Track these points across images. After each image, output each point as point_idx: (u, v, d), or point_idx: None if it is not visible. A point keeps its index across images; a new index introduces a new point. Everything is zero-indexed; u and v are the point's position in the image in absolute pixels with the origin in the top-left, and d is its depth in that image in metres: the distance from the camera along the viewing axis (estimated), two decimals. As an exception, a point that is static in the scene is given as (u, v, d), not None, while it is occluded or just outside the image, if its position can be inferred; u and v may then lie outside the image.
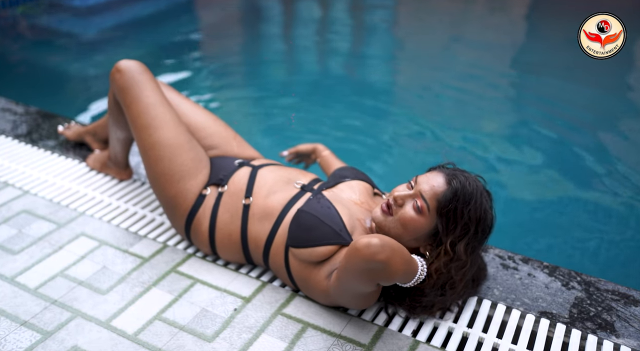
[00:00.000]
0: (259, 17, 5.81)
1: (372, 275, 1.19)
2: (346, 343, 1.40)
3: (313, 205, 1.45)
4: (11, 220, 1.86)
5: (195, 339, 1.41)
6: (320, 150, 1.96)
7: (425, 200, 1.33)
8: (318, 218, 1.41)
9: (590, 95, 3.74)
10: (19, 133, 2.42)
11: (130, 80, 1.72)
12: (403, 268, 1.19)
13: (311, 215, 1.41)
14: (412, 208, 1.35)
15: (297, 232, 1.42)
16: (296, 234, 1.42)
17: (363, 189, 1.59)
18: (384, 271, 1.16)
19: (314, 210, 1.43)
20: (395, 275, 1.19)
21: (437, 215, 1.33)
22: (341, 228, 1.39)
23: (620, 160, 2.95)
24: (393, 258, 1.15)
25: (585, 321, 1.48)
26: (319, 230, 1.39)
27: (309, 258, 1.41)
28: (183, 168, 1.65)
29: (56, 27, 5.05)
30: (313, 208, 1.43)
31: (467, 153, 3.01)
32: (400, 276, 1.22)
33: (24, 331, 1.42)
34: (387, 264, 1.14)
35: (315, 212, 1.42)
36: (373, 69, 4.39)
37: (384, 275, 1.18)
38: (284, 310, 1.51)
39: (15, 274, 1.62)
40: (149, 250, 1.73)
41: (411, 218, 1.34)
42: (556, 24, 5.08)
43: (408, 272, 1.24)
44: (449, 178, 1.35)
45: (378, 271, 1.17)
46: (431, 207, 1.33)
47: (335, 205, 1.46)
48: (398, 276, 1.21)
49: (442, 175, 1.37)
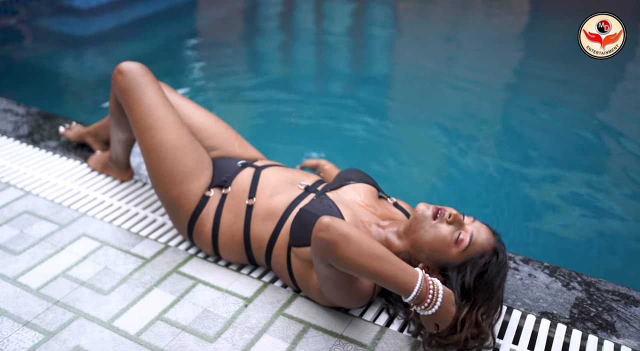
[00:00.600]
0: (259, 17, 5.81)
1: (320, 253, 1.22)
2: (348, 344, 1.40)
3: (315, 204, 1.46)
4: (13, 221, 1.86)
5: (197, 339, 1.41)
6: (322, 164, 1.97)
7: (471, 239, 1.32)
8: (318, 216, 1.41)
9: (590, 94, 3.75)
10: (21, 134, 2.43)
11: (132, 82, 1.73)
12: (362, 260, 1.17)
13: (311, 214, 1.41)
14: (451, 233, 1.33)
15: (299, 231, 1.42)
16: (297, 233, 1.42)
17: (368, 192, 1.59)
18: (328, 250, 1.19)
19: (315, 209, 1.43)
20: (344, 262, 1.18)
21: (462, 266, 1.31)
22: None
23: (621, 159, 2.96)
24: (339, 242, 1.17)
25: (585, 322, 1.48)
26: None
27: (310, 257, 1.41)
28: (186, 170, 1.65)
29: (57, 28, 5.06)
30: (315, 208, 1.44)
31: (467, 152, 3.01)
32: (357, 268, 1.18)
33: (26, 331, 1.43)
34: (330, 245, 1.18)
35: (316, 211, 1.42)
36: (373, 68, 4.40)
37: (330, 256, 1.20)
38: (286, 311, 1.51)
39: (18, 274, 1.62)
40: (151, 251, 1.74)
41: (444, 238, 1.33)
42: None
43: (378, 271, 1.18)
44: (497, 243, 1.35)
45: (323, 249, 1.20)
46: (469, 250, 1.32)
47: (338, 205, 1.46)
48: (350, 266, 1.18)
49: (492, 235, 1.36)
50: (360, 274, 1.21)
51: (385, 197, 1.64)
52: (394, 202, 1.62)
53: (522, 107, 3.66)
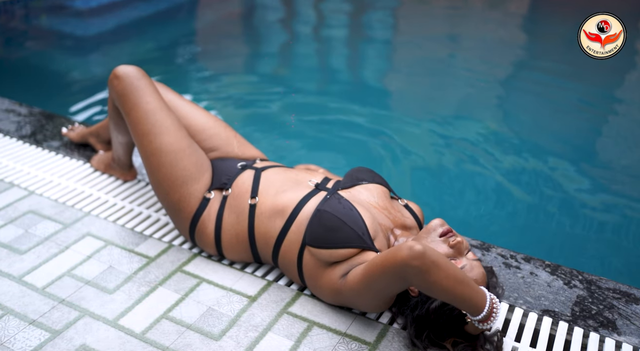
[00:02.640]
0: (258, 17, 5.82)
1: (405, 276, 1.22)
2: (352, 342, 1.42)
3: (334, 205, 1.45)
4: (17, 220, 1.87)
5: (203, 338, 1.42)
6: (314, 169, 1.95)
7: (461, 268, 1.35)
8: (341, 219, 1.41)
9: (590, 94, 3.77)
10: (23, 134, 2.43)
11: (128, 87, 1.72)
12: (446, 284, 1.19)
13: (333, 216, 1.41)
14: (448, 255, 1.36)
15: (319, 232, 1.42)
16: (317, 234, 1.42)
17: (381, 193, 1.58)
18: (417, 277, 1.20)
19: (336, 211, 1.43)
20: (430, 286, 1.20)
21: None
22: (364, 232, 1.40)
23: (622, 158, 2.97)
24: (431, 270, 1.18)
25: (587, 319, 1.49)
26: (342, 232, 1.39)
27: (329, 259, 1.42)
28: (185, 173, 1.66)
29: (58, 29, 5.06)
30: (335, 209, 1.44)
31: (467, 151, 3.02)
32: (438, 291, 1.21)
33: (32, 330, 1.44)
34: (423, 273, 1.19)
35: (337, 213, 1.42)
36: (373, 67, 4.41)
37: (417, 281, 1.21)
38: (290, 309, 1.52)
39: (23, 273, 1.63)
40: (155, 250, 1.75)
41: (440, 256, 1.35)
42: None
43: (457, 294, 1.21)
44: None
45: (412, 275, 1.21)
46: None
47: (357, 207, 1.46)
48: (433, 289, 1.21)
49: (485, 278, 1.38)
50: (440, 296, 1.23)
51: (397, 197, 1.64)
52: (404, 204, 1.62)
53: (523, 105, 3.68)
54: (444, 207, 2.57)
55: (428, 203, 2.40)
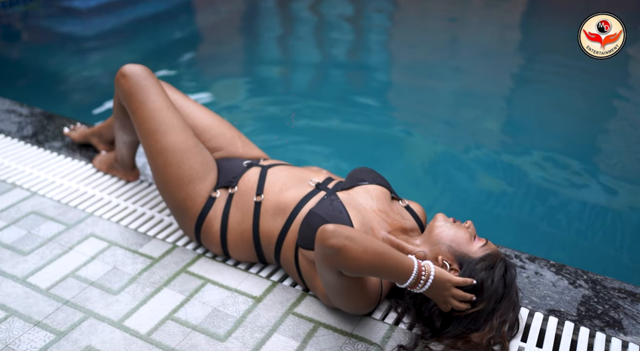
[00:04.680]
0: (258, 17, 5.82)
1: (329, 260, 1.23)
2: (358, 342, 1.41)
3: (325, 207, 1.45)
4: (20, 221, 1.86)
5: (208, 339, 1.42)
6: (315, 171, 1.95)
7: (487, 241, 1.42)
8: (326, 221, 1.40)
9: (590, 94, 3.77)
10: (25, 135, 2.43)
11: (135, 86, 1.72)
12: (368, 258, 1.20)
13: (320, 217, 1.41)
14: (470, 235, 1.42)
15: (307, 234, 1.42)
16: (305, 236, 1.42)
17: (381, 194, 1.57)
18: (337, 256, 1.20)
19: (325, 213, 1.43)
20: (353, 264, 1.20)
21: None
22: None
23: (626, 157, 2.97)
24: (348, 246, 1.19)
25: (593, 319, 1.49)
26: None
27: None
28: (192, 173, 1.66)
29: (57, 28, 5.05)
30: (324, 211, 1.44)
31: (468, 148, 3.02)
32: (364, 267, 1.21)
33: (37, 331, 1.43)
34: (340, 249, 1.19)
35: (325, 215, 1.42)
36: (373, 68, 4.41)
37: (340, 261, 1.21)
38: (295, 310, 1.52)
39: (27, 275, 1.63)
40: (159, 251, 1.75)
41: (464, 234, 1.41)
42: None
43: (382, 266, 1.22)
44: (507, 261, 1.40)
45: (332, 256, 1.21)
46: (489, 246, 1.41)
47: (349, 210, 1.45)
48: (358, 266, 1.21)
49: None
50: (365, 272, 1.24)
51: (398, 198, 1.64)
52: (405, 205, 1.62)
53: (524, 104, 3.68)
54: (446, 206, 2.57)
55: (429, 203, 2.40)
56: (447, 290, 1.29)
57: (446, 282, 1.29)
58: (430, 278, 1.27)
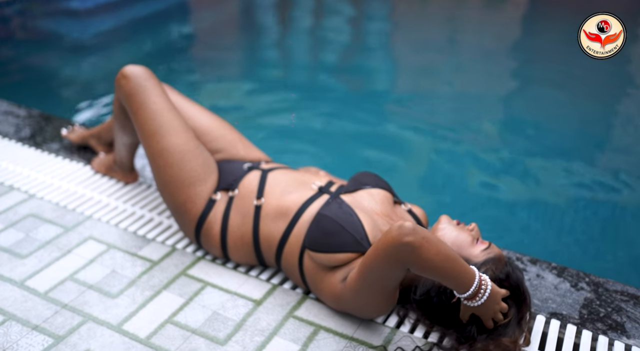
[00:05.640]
0: (256, 18, 5.81)
1: (402, 256, 1.21)
2: (359, 346, 1.40)
3: (334, 209, 1.45)
4: (18, 224, 1.85)
5: (208, 342, 1.41)
6: (314, 172, 1.94)
7: (489, 244, 1.40)
8: (340, 224, 1.40)
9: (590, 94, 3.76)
10: (23, 137, 2.41)
11: (136, 87, 1.72)
12: (438, 260, 1.20)
13: (332, 220, 1.41)
14: (472, 236, 1.40)
15: (317, 236, 1.41)
16: (316, 238, 1.42)
17: (384, 198, 1.56)
18: (412, 254, 1.19)
19: (335, 216, 1.42)
20: (425, 263, 1.20)
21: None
22: (362, 237, 1.39)
23: (628, 157, 2.97)
24: (423, 245, 1.19)
25: (595, 322, 1.48)
26: (340, 237, 1.39)
27: (327, 263, 1.41)
28: (192, 174, 1.65)
29: (55, 29, 5.03)
30: (334, 213, 1.43)
31: (468, 152, 3.02)
32: (432, 268, 1.21)
33: (35, 335, 1.42)
34: (417, 248, 1.18)
35: (337, 218, 1.41)
36: (373, 68, 4.40)
37: (413, 259, 1.20)
38: (296, 313, 1.51)
39: (25, 278, 1.61)
40: (158, 254, 1.73)
41: (466, 237, 1.39)
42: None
43: (448, 270, 1.22)
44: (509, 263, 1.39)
45: (407, 253, 1.20)
46: (490, 250, 1.38)
47: (358, 212, 1.45)
48: (428, 266, 1.21)
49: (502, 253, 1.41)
50: (431, 272, 1.23)
51: (400, 202, 1.63)
52: (408, 209, 1.61)
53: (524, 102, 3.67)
54: (447, 209, 2.56)
55: (431, 206, 2.39)
56: (498, 304, 1.28)
57: (498, 295, 1.28)
58: (488, 291, 1.26)
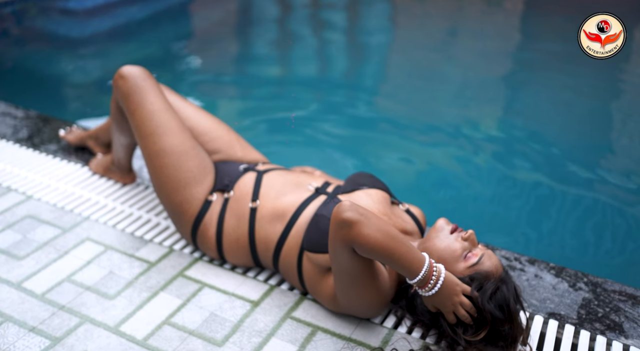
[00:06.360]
0: (256, 18, 5.80)
1: (343, 235, 1.22)
2: (356, 346, 1.40)
3: (332, 210, 1.44)
4: (15, 225, 1.85)
5: (205, 343, 1.41)
6: (310, 172, 1.93)
7: (479, 260, 1.32)
8: None
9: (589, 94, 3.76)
10: (20, 138, 2.41)
11: (133, 87, 1.71)
12: (380, 238, 1.20)
13: (329, 220, 1.40)
14: (463, 248, 1.33)
15: (316, 237, 1.41)
16: (314, 239, 1.41)
17: (381, 198, 1.55)
18: (351, 230, 1.20)
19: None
20: (365, 240, 1.20)
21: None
22: None
23: (627, 157, 2.96)
24: (362, 221, 1.20)
25: (593, 322, 1.48)
26: None
27: (326, 264, 1.41)
28: (189, 175, 1.64)
29: (52, 30, 5.03)
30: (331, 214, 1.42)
31: (467, 151, 3.01)
32: (375, 246, 1.20)
33: (32, 337, 1.41)
34: (354, 223, 1.20)
35: None
36: (372, 68, 4.40)
37: (353, 236, 1.21)
38: (293, 314, 1.50)
39: (22, 280, 1.61)
40: (155, 255, 1.73)
41: (455, 250, 1.33)
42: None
43: (393, 250, 1.21)
44: (504, 273, 1.33)
45: (346, 229, 1.21)
46: (476, 268, 1.31)
47: None
48: (370, 244, 1.20)
49: (501, 265, 1.35)
50: (376, 252, 1.22)
51: (398, 202, 1.62)
52: (406, 209, 1.61)
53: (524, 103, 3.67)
54: (446, 209, 2.56)
55: (429, 206, 2.38)
56: (457, 296, 1.26)
57: (455, 286, 1.26)
58: (441, 279, 1.24)
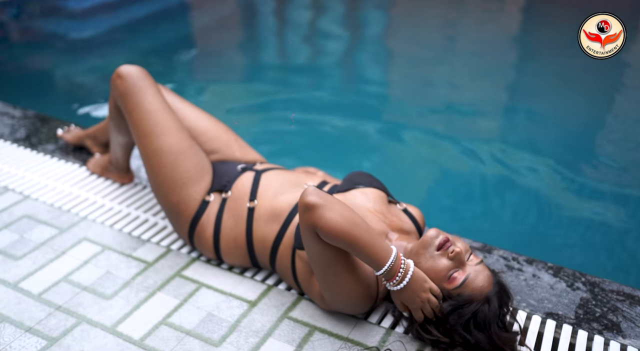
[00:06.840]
0: (255, 18, 5.80)
1: (307, 219, 1.24)
2: (354, 346, 1.40)
3: None
4: (13, 225, 1.84)
5: (202, 344, 1.40)
6: (313, 172, 1.94)
7: (464, 281, 1.28)
8: None
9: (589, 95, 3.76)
10: (18, 138, 2.40)
11: (131, 87, 1.71)
12: (344, 223, 1.21)
13: None
14: (448, 268, 1.29)
15: None
16: None
17: (378, 197, 1.55)
18: (313, 214, 1.22)
19: None
20: (327, 225, 1.21)
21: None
22: None
23: (626, 158, 2.96)
24: (325, 205, 1.22)
25: (591, 322, 1.48)
26: None
27: None
28: (186, 175, 1.64)
29: (51, 30, 5.02)
30: None
31: (466, 151, 3.01)
32: (338, 232, 1.21)
33: (29, 337, 1.41)
34: (315, 207, 1.22)
35: None
36: (372, 67, 4.39)
37: (315, 221, 1.22)
38: (291, 314, 1.50)
39: (19, 280, 1.61)
40: (153, 255, 1.73)
41: (439, 271, 1.29)
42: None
43: (358, 238, 1.21)
44: (492, 293, 1.28)
45: (308, 213, 1.23)
46: (460, 290, 1.28)
47: None
48: (332, 229, 1.21)
49: (490, 284, 1.30)
50: (340, 239, 1.22)
51: (395, 201, 1.62)
52: (403, 208, 1.60)
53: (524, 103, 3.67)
54: (444, 210, 2.56)
55: (428, 206, 2.39)
56: (425, 292, 1.26)
57: (424, 283, 1.26)
58: (409, 274, 1.24)
